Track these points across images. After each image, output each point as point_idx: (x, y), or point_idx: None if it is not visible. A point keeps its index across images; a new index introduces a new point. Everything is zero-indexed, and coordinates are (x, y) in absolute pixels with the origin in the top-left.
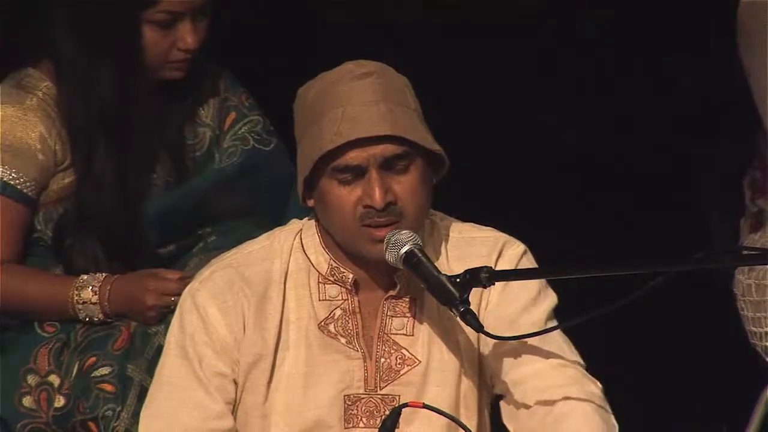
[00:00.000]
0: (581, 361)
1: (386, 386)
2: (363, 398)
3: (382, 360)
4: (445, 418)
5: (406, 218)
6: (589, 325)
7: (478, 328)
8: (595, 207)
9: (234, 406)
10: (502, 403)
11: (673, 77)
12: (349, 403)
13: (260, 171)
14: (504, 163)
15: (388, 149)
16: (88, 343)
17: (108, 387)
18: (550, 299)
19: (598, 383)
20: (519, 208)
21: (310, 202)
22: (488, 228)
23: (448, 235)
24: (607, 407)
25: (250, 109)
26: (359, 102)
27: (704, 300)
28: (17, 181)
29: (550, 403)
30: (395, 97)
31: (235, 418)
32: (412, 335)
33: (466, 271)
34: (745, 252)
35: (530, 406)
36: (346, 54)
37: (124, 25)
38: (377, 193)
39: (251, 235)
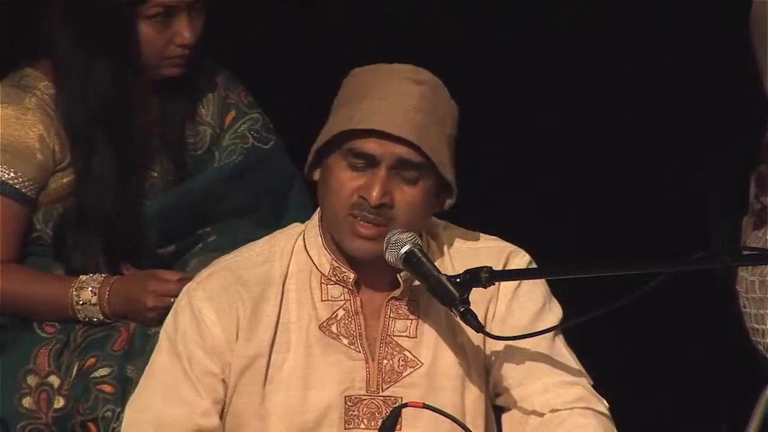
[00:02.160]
0: (588, 378)
1: (388, 388)
2: (365, 399)
3: (385, 362)
4: (449, 421)
5: (393, 225)
6: (590, 325)
7: (479, 327)
8: (595, 207)
9: (222, 408)
10: (504, 416)
11: (675, 76)
12: (350, 404)
13: (259, 169)
14: (504, 163)
15: (405, 153)
16: (87, 344)
17: (107, 388)
18: (556, 312)
19: (605, 402)
20: (519, 209)
21: (316, 174)
22: (493, 237)
23: (453, 245)
24: (613, 426)
25: (250, 106)
26: (402, 103)
27: (704, 300)
28: (16, 181)
29: (556, 419)
30: (437, 114)
31: (225, 423)
32: (415, 337)
33: (466, 271)
34: (745, 252)
35: (536, 422)
36: (345, 52)
37: (120, 22)
38: (376, 190)
39: (251, 235)
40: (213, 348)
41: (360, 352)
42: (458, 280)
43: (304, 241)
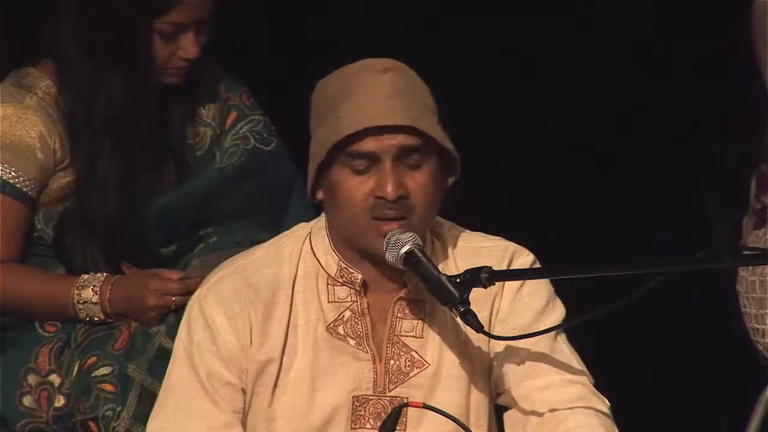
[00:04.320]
0: (590, 376)
1: (395, 388)
2: (371, 400)
3: (392, 362)
4: (452, 422)
5: (415, 215)
6: (589, 325)
7: (479, 328)
8: (595, 207)
9: (244, 415)
10: (506, 415)
11: (675, 76)
12: (358, 404)
13: (261, 171)
14: (503, 163)
15: (404, 140)
16: (88, 343)
17: (108, 387)
18: (559, 311)
19: (606, 401)
20: (519, 209)
21: (319, 194)
22: (496, 237)
23: (457, 245)
24: (614, 426)
25: (251, 108)
26: (379, 94)
27: (704, 300)
28: (17, 180)
29: (557, 417)
30: (415, 94)
31: (245, 426)
32: (422, 337)
33: (466, 271)
34: (745, 252)
35: (537, 420)
36: (345, 53)
37: (132, 35)
38: (390, 185)
39: (252, 236)
40: (229, 356)
41: (367, 352)
42: (458, 280)
43: (311, 243)
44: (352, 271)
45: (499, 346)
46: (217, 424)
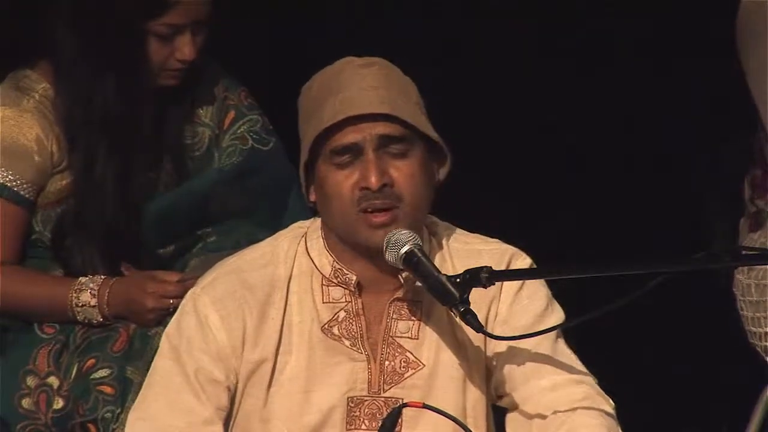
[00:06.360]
0: (592, 377)
1: (390, 389)
2: (366, 400)
3: (387, 363)
4: (451, 422)
5: (403, 204)
6: (589, 325)
7: (478, 327)
8: (595, 206)
9: (229, 413)
10: (509, 417)
11: (675, 77)
12: (353, 405)
13: (259, 171)
14: (503, 163)
15: (384, 128)
16: (87, 345)
17: (107, 389)
18: (558, 314)
19: (611, 401)
20: (519, 209)
21: (312, 196)
22: (494, 240)
23: (454, 247)
24: (618, 426)
25: (249, 108)
26: (360, 87)
27: (704, 300)
28: (14, 183)
29: (562, 417)
30: (397, 86)
31: (234, 425)
32: (417, 338)
33: (466, 271)
34: (744, 252)
35: (542, 421)
36: (344, 54)
37: (128, 37)
38: (373, 174)
39: (251, 236)
40: (218, 354)
41: (362, 353)
42: (458, 280)
43: (306, 243)
44: (347, 272)
45: (499, 348)
46: (199, 419)
